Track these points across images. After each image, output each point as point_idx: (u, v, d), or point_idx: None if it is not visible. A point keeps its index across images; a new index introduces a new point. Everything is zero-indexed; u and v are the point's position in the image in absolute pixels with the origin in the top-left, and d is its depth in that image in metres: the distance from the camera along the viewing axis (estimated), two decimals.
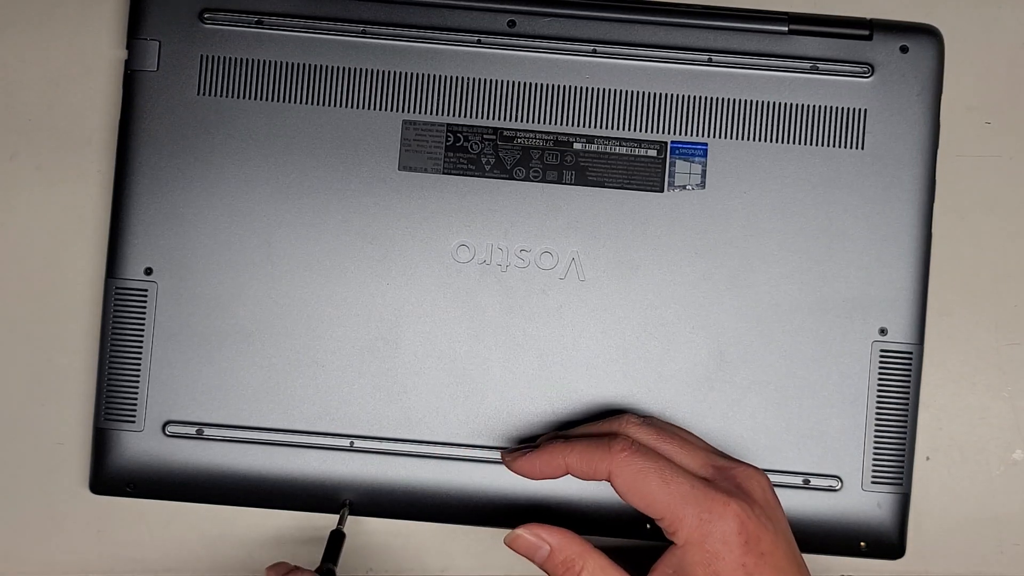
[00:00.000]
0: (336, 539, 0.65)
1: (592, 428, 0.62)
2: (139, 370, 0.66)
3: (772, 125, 0.66)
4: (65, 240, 0.69)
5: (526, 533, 0.59)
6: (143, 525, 0.69)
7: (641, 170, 0.66)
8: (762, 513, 0.58)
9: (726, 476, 0.59)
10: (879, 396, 0.66)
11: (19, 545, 0.69)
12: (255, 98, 0.66)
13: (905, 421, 0.66)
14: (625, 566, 0.59)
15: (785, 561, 0.58)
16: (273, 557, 0.68)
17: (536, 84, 0.66)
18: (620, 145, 0.66)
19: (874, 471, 0.66)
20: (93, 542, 0.69)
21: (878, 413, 0.66)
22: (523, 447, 0.62)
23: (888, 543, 0.66)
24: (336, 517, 0.66)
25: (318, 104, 0.66)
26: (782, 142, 0.66)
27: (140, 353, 0.66)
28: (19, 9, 0.70)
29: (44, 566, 0.69)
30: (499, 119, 0.66)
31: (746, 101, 0.66)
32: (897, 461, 0.66)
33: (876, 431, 0.66)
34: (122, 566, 0.69)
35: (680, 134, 0.66)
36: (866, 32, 0.67)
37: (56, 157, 0.70)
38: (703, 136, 0.66)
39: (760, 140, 0.66)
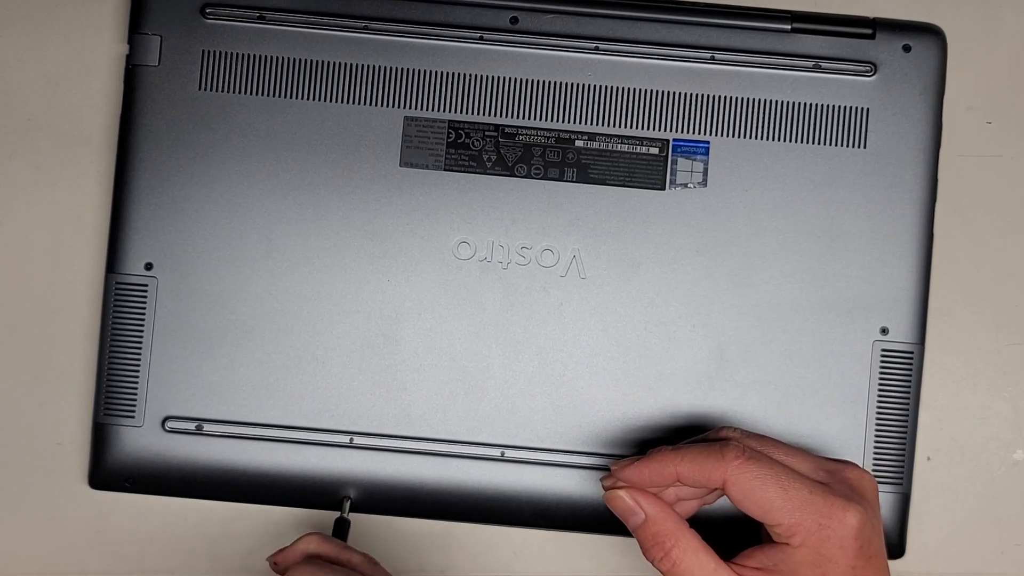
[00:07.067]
0: (341, 526, 0.65)
1: (695, 440, 0.61)
2: (139, 365, 0.66)
3: (774, 123, 0.66)
4: (64, 240, 0.69)
5: (626, 496, 0.58)
6: (142, 525, 0.69)
7: (643, 168, 0.66)
8: (875, 516, 0.58)
9: (839, 479, 0.58)
10: (880, 396, 0.66)
11: (19, 545, 0.69)
12: (256, 94, 0.66)
13: (906, 421, 0.66)
14: (714, 548, 0.58)
15: (885, 562, 0.58)
16: (271, 553, 0.68)
17: (538, 81, 0.66)
18: (622, 143, 0.66)
19: (875, 471, 0.66)
20: (92, 542, 0.69)
21: (879, 413, 0.66)
22: (632, 456, 0.60)
23: (888, 543, 0.66)
24: (337, 513, 0.66)
25: (319, 100, 0.66)
26: (784, 140, 0.66)
27: (140, 348, 0.66)
28: (19, 8, 0.70)
29: (43, 566, 0.69)
30: (501, 116, 0.66)
31: (748, 99, 0.66)
32: (898, 461, 0.66)
33: (877, 431, 0.66)
34: (122, 566, 0.69)
35: (682, 132, 0.66)
36: (869, 31, 0.67)
37: (55, 156, 0.70)
38: (705, 134, 0.66)
39: (762, 138, 0.66)
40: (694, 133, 0.66)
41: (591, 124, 0.66)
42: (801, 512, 0.56)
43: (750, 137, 0.66)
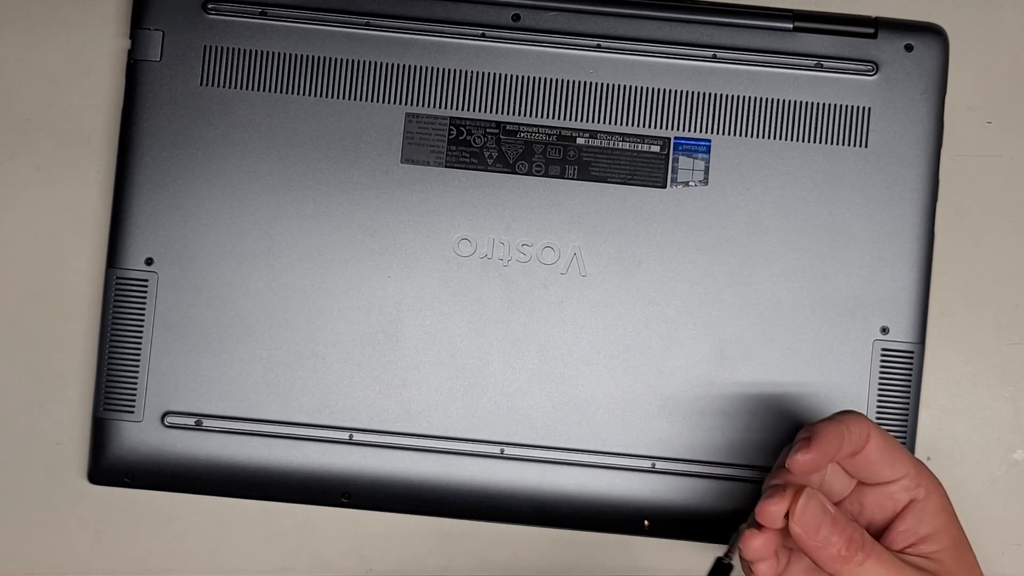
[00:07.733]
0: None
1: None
2: (139, 360, 0.66)
3: (776, 122, 0.66)
4: (64, 240, 0.69)
5: (816, 505, 0.55)
6: (141, 522, 0.69)
7: (644, 166, 0.66)
8: None
9: None
10: (880, 395, 0.66)
11: (19, 543, 0.69)
12: (258, 89, 0.66)
13: (906, 420, 0.66)
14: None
15: None
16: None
17: (540, 78, 0.66)
18: (623, 140, 0.66)
19: None
20: (92, 540, 0.69)
21: (879, 412, 0.66)
22: (791, 446, 0.57)
23: None
24: None
25: (321, 96, 0.66)
26: (786, 139, 0.66)
27: (140, 343, 0.66)
28: (19, 8, 0.70)
29: (43, 564, 0.69)
30: (502, 113, 0.66)
31: (750, 98, 0.66)
32: None
33: None
34: (121, 564, 0.69)
35: (684, 130, 0.66)
36: (871, 30, 0.67)
37: (55, 156, 0.69)
38: (707, 132, 0.66)
39: (764, 137, 0.66)
40: (695, 131, 0.66)
41: (592, 122, 0.66)
42: (917, 463, 0.59)
43: (751, 136, 0.66)
